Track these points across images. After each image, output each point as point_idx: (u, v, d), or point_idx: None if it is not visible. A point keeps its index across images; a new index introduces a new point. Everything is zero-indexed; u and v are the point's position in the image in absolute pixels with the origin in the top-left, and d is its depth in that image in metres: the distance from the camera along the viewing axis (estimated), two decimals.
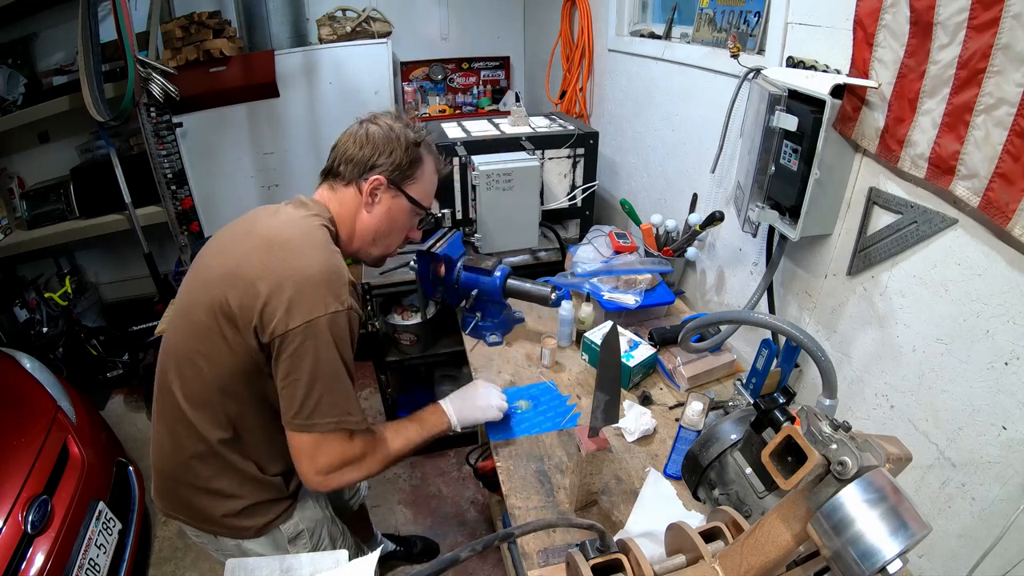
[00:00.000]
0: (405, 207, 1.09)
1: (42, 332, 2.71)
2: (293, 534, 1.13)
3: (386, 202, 1.06)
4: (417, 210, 1.11)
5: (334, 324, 0.89)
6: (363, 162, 1.03)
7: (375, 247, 1.11)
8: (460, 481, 2.33)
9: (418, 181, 1.08)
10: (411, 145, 1.05)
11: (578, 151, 1.96)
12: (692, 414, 1.05)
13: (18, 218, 2.81)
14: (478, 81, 3.59)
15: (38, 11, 2.62)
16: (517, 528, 0.66)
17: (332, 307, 0.89)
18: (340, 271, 0.93)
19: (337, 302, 0.90)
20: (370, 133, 1.05)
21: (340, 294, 0.91)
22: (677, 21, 1.83)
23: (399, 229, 1.12)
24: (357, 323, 0.95)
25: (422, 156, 1.08)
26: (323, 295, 0.89)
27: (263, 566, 0.78)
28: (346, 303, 0.91)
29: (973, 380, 0.90)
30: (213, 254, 1.01)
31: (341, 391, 0.93)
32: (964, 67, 0.80)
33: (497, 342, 1.58)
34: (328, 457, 0.94)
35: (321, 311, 0.88)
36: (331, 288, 0.90)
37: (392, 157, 1.04)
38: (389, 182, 1.04)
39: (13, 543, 1.38)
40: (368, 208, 1.05)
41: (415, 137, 1.06)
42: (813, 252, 1.24)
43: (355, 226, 1.07)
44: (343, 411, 0.93)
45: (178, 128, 2.61)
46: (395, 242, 1.14)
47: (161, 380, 1.02)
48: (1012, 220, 0.77)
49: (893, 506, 0.49)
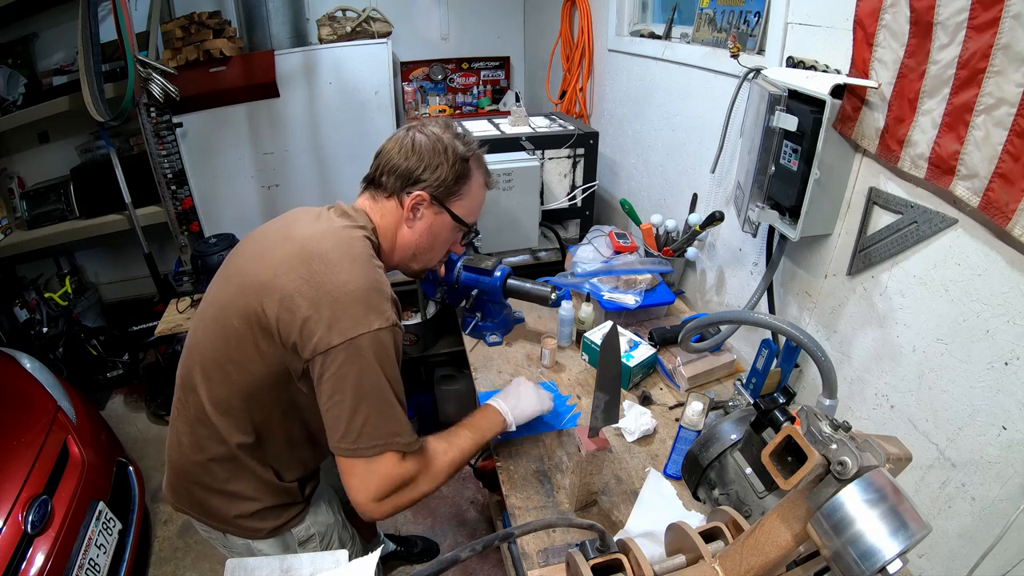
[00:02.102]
0: (448, 224, 1.03)
1: (42, 332, 2.71)
2: (304, 537, 1.12)
3: (428, 218, 1.00)
4: (461, 227, 1.05)
5: (377, 342, 0.85)
6: (407, 175, 0.97)
7: (415, 262, 1.07)
8: (460, 481, 2.33)
9: (464, 197, 1.02)
10: (459, 160, 0.98)
11: (578, 151, 1.96)
12: (692, 414, 1.05)
13: (18, 218, 2.81)
14: (478, 81, 3.59)
15: (38, 11, 2.62)
16: (517, 528, 0.67)
17: (375, 324, 0.84)
18: (382, 287, 0.89)
19: (381, 319, 0.85)
20: (416, 143, 0.98)
21: (383, 310, 0.86)
22: (677, 21, 1.83)
23: (441, 245, 1.07)
24: (400, 339, 0.91)
25: (470, 171, 1.01)
26: (365, 312, 0.84)
27: (263, 566, 0.78)
28: (389, 319, 0.86)
29: (973, 380, 0.90)
30: (249, 258, 0.96)
31: (388, 412, 0.88)
32: (964, 67, 0.80)
33: (497, 342, 1.58)
34: (380, 482, 0.88)
35: (364, 328, 0.84)
36: (373, 305, 0.85)
37: (438, 172, 0.97)
38: (432, 198, 0.98)
39: (13, 543, 1.38)
40: (409, 223, 1.00)
41: (464, 151, 0.99)
42: (813, 252, 1.24)
43: (396, 240, 1.02)
44: (390, 432, 0.88)
45: (178, 128, 2.61)
46: (436, 257, 1.09)
47: (185, 379, 1.00)
48: (1012, 220, 0.77)
49: (893, 506, 0.49)
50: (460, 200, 1.02)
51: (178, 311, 2.44)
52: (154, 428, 2.67)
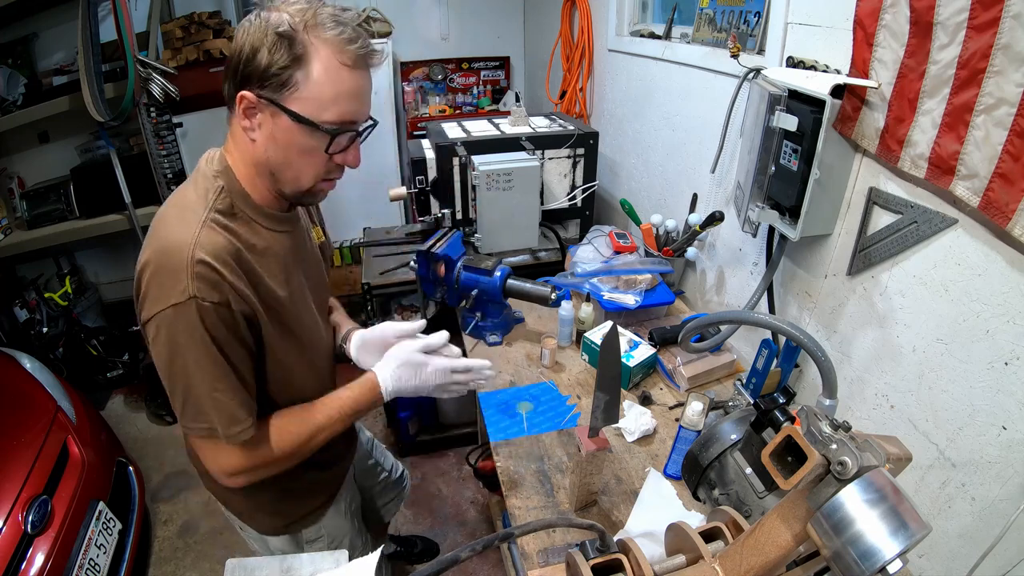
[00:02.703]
0: (293, 127, 0.77)
1: (42, 332, 2.71)
2: (313, 538, 1.12)
3: (267, 124, 0.78)
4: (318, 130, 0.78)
5: (175, 320, 0.74)
6: (233, 74, 0.76)
7: (280, 183, 0.84)
8: (460, 481, 2.33)
9: (302, 88, 0.75)
10: (279, 39, 0.72)
11: (578, 151, 1.96)
12: (692, 414, 1.05)
13: (18, 218, 2.80)
14: (478, 81, 3.59)
15: (38, 11, 2.61)
16: (517, 528, 0.67)
17: (172, 299, 0.73)
18: (180, 250, 0.74)
19: (174, 293, 0.73)
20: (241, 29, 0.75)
21: (179, 281, 0.73)
22: (677, 21, 1.83)
23: (298, 156, 0.80)
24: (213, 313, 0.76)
25: (304, 51, 0.74)
26: (164, 283, 0.74)
27: (263, 566, 0.78)
28: (185, 292, 0.73)
29: (973, 380, 0.90)
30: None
31: (201, 399, 0.79)
32: (964, 67, 0.80)
33: (497, 342, 1.58)
34: (220, 462, 0.85)
35: (161, 304, 0.74)
36: (170, 274, 0.73)
37: (257, 62, 0.73)
38: (260, 97, 0.75)
39: (13, 543, 1.38)
40: (250, 133, 0.79)
41: (289, 26, 0.73)
42: (813, 252, 1.24)
43: (251, 159, 0.82)
44: (206, 421, 0.80)
45: (178, 128, 2.60)
46: (304, 173, 0.83)
47: None
48: (1012, 220, 0.77)
49: (893, 506, 0.49)
50: (296, 93, 0.75)
51: None
52: (154, 428, 2.67)
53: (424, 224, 1.95)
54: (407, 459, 2.42)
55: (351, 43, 0.76)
